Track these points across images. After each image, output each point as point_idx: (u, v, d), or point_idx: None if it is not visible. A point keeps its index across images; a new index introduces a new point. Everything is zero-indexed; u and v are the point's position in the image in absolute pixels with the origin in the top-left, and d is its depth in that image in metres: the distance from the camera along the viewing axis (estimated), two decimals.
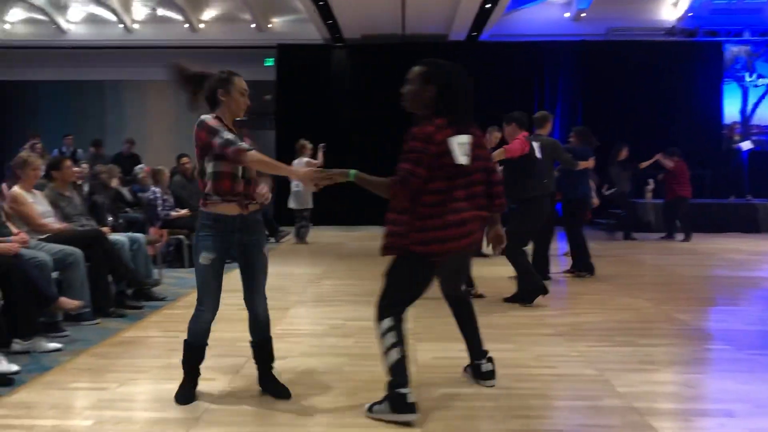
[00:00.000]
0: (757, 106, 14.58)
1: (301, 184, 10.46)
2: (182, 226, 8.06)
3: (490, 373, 3.63)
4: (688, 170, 11.37)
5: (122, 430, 3.04)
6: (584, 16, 14.16)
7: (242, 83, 3.40)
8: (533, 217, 5.95)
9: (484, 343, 3.67)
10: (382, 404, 3.16)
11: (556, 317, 5.35)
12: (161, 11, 14.53)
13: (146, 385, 3.68)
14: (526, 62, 14.12)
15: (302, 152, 10.24)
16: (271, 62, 14.64)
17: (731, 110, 14.53)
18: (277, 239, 10.88)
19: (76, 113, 15.68)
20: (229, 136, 3.23)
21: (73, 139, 12.67)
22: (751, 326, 5.11)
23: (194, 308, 3.39)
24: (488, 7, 12.19)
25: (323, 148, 10.37)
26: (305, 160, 10.02)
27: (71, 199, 5.90)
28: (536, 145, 6.10)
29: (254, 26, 14.56)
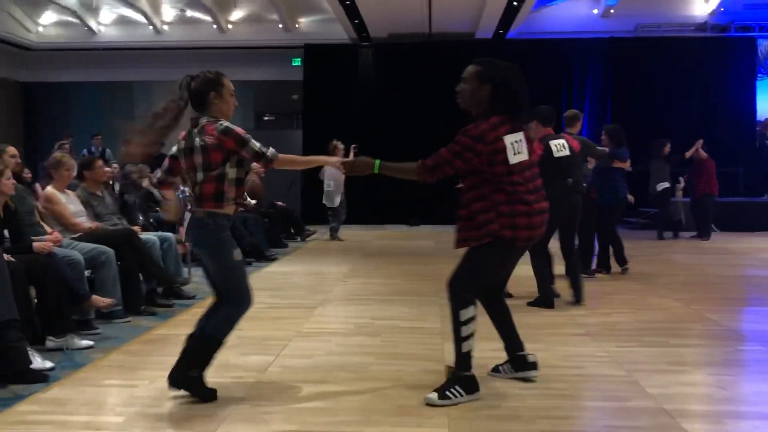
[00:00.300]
0: None
1: (332, 183, 10.65)
2: None
3: (536, 363, 3.67)
4: (715, 167, 11.16)
5: (153, 426, 3.09)
6: (613, 12, 13.98)
7: (230, 83, 3.44)
8: (551, 220, 5.72)
9: None
10: (451, 390, 3.30)
11: (585, 317, 5.30)
12: (190, 12, 14.69)
13: None
14: (553, 60, 13.96)
15: (334, 153, 10.33)
16: (298, 62, 14.72)
17: (765, 107, 14.24)
18: (303, 238, 10.95)
19: (106, 114, 15.91)
20: (257, 145, 3.31)
21: (101, 139, 12.86)
22: None
23: (227, 307, 3.40)
24: (515, 4, 12.11)
25: (355, 149, 10.44)
26: (335, 161, 10.11)
27: (103, 198, 5.99)
28: (560, 143, 5.71)
29: (281, 26, 14.64)
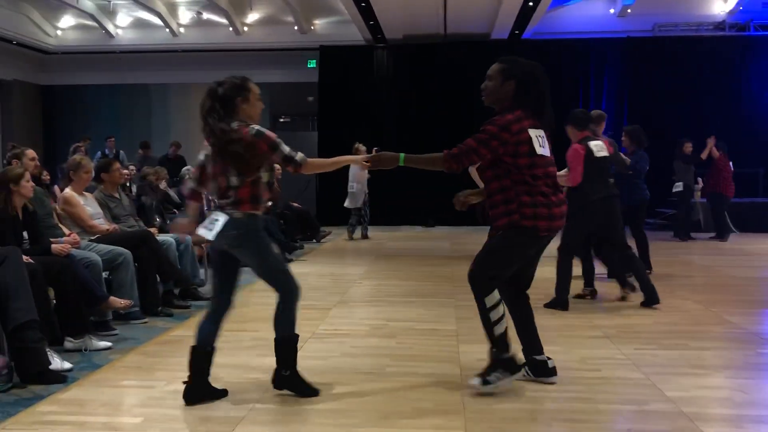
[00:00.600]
0: None
1: (355, 185, 10.70)
2: None
3: (555, 369, 3.66)
4: (731, 167, 11.02)
5: (170, 427, 3.10)
6: (630, 12, 13.84)
7: (256, 87, 3.49)
8: (586, 222, 5.64)
9: None
10: (493, 374, 3.43)
11: (603, 319, 5.26)
12: (206, 15, 14.76)
13: None
14: (570, 60, 13.85)
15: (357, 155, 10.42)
16: (313, 64, 14.75)
17: None
18: (318, 239, 10.96)
19: (123, 116, 16.05)
20: (287, 149, 3.38)
21: (114, 140, 12.94)
22: None
23: (280, 303, 3.42)
24: (531, 4, 12.04)
25: (377, 151, 10.47)
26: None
27: (120, 200, 6.04)
28: (598, 144, 5.70)
29: (297, 28, 14.66)
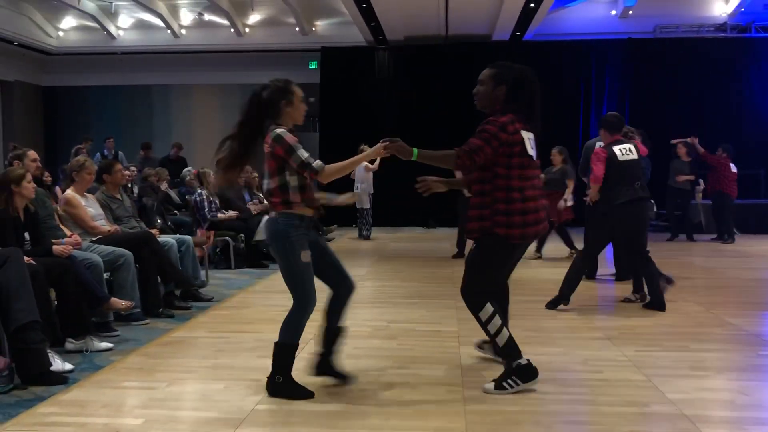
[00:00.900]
0: None
1: (359, 185, 10.76)
2: (229, 227, 8.18)
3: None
4: (732, 169, 11.00)
5: (171, 428, 3.10)
6: (631, 13, 13.84)
7: (299, 90, 3.52)
8: (610, 229, 5.68)
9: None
10: (508, 380, 3.47)
11: (605, 320, 5.26)
12: (208, 16, 14.77)
13: (194, 384, 3.74)
14: (571, 62, 13.86)
15: None
16: (315, 65, 14.76)
17: None
18: None
19: (124, 117, 16.06)
20: (304, 154, 3.34)
21: (113, 141, 12.91)
22: None
23: (292, 310, 3.43)
24: (532, 6, 12.04)
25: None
26: (364, 164, 10.18)
27: (122, 201, 6.04)
28: (625, 147, 5.74)
29: (298, 29, 14.68)
